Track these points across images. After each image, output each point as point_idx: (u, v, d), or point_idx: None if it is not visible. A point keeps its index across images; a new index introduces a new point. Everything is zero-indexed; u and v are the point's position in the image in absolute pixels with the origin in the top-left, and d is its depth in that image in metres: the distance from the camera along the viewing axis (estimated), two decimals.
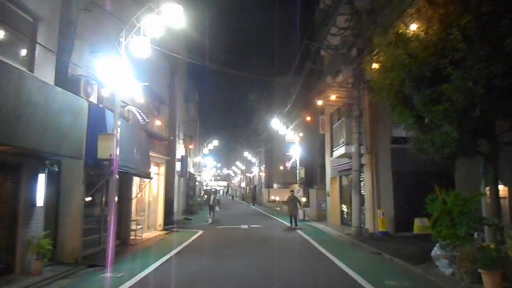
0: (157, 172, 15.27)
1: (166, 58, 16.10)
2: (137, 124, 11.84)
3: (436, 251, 7.03)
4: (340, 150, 14.78)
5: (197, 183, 35.59)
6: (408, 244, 10.46)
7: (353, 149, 13.03)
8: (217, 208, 21.44)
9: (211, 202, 20.31)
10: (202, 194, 40.69)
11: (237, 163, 61.86)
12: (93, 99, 8.95)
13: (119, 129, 8.16)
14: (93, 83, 8.58)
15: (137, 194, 11.24)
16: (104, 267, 7.59)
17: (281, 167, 33.04)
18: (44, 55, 7.32)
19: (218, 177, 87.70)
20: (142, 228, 12.51)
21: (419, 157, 13.85)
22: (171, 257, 8.74)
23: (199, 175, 41.31)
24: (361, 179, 13.32)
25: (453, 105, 5.58)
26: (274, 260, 8.29)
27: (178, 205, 21.10)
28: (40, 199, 7.11)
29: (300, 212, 18.09)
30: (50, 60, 7.54)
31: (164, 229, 15.04)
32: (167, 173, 17.44)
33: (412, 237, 12.12)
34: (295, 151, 21.18)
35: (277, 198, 37.29)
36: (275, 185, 39.89)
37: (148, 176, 10.98)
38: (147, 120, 10.46)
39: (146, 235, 13.27)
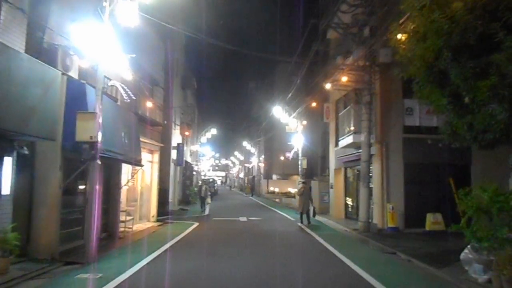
0: (151, 159, 14.24)
1: (161, 37, 14.93)
2: (127, 107, 10.76)
3: (467, 254, 6.06)
4: (347, 140, 13.75)
5: (194, 173, 34.61)
6: (422, 242, 9.53)
7: (362, 138, 12.00)
8: (208, 200, 19.83)
9: (202, 193, 18.95)
10: (199, 184, 39.78)
11: (236, 153, 60.90)
12: (74, 74, 7.84)
13: (102, 108, 7.10)
14: (72, 54, 7.46)
15: (127, 182, 10.24)
16: (83, 265, 6.64)
17: (282, 158, 32.04)
18: (12, 17, 6.19)
19: (217, 168, 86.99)
20: (133, 219, 11.53)
21: (433, 148, 13.03)
22: (161, 254, 7.76)
23: (197, 165, 40.36)
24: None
25: (504, 79, 4.55)
26: (277, 261, 7.31)
27: (173, 195, 20.13)
28: (6, 187, 6.09)
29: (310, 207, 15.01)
30: (21, 24, 6.41)
31: (158, 221, 14.09)
32: (161, 161, 16.40)
33: (425, 234, 11.22)
34: (298, 140, 20.12)
35: (277, 190, 36.43)
36: (274, 176, 39.00)
37: (138, 163, 9.95)
38: (134, 97, 9.36)
39: (138, 226, 12.31)
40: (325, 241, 9.65)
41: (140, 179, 13.45)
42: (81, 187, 8.50)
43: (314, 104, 17.13)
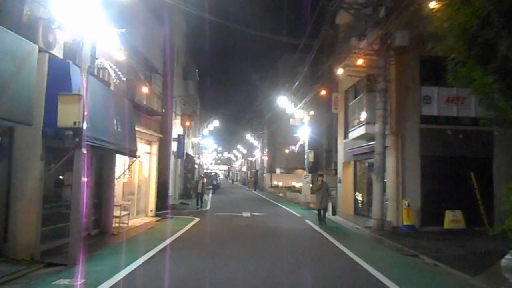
0: (149, 151, 13.41)
1: (160, 22, 14.02)
2: (122, 93, 9.91)
3: (510, 260, 5.17)
4: (358, 130, 12.82)
5: (196, 166, 33.84)
6: (444, 243, 8.66)
7: (376, 128, 11.08)
8: (205, 197, 18.03)
9: (199, 189, 16.86)
10: (196, 178, 39.05)
11: (239, 146, 60.07)
12: (58, 52, 6.96)
13: (89, 90, 6.24)
14: (55, 29, 6.57)
15: (120, 175, 9.43)
16: (67, 267, 5.84)
17: (287, 151, 31.16)
18: None
19: (219, 161, 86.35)
20: (128, 214, 10.74)
21: (453, 140, 12.07)
22: (156, 255, 6.95)
23: (199, 158, 39.58)
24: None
25: None
26: (286, 265, 6.45)
27: (174, 189, 19.37)
28: None
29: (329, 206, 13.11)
30: None
31: (156, 215, 13.31)
32: (160, 152, 15.57)
33: (444, 233, 10.36)
34: (304, 132, 19.18)
35: (280, 184, 35.62)
36: (278, 170, 38.18)
37: (133, 154, 9.11)
38: (124, 79, 8.49)
39: (134, 222, 11.53)
40: (337, 241, 8.79)
41: (138, 172, 12.64)
42: (68, 179, 7.67)
43: (322, 93, 16.11)
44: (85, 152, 6.18)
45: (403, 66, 11.80)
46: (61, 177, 7.47)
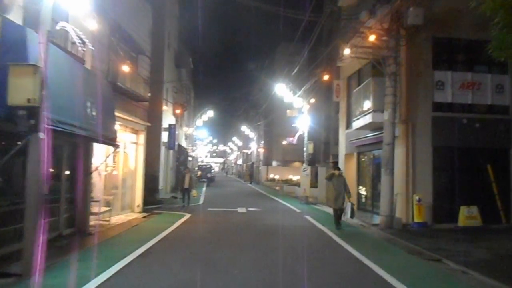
0: (135, 141, 12.26)
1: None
2: (101, 74, 8.72)
3: None
4: (364, 119, 11.76)
5: (190, 158, 32.67)
6: (464, 244, 7.67)
7: (385, 116, 10.03)
8: (193, 193, 15.89)
9: (185, 184, 14.40)
10: (196, 170, 37.95)
11: (234, 138, 58.93)
12: (16, 17, 5.75)
13: (51, 63, 5.09)
14: None
15: (98, 166, 8.29)
16: (20, 278, 4.75)
17: (284, 142, 30.11)
18: None
19: (214, 154, 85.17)
20: (110, 210, 9.63)
21: (468, 129, 11.01)
22: (134, 261, 5.87)
23: (193, 150, 38.39)
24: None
25: None
26: (286, 272, 5.42)
27: (165, 182, 18.28)
28: None
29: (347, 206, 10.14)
30: None
31: (144, 211, 12.22)
32: (149, 143, 14.43)
33: (459, 231, 9.40)
34: (303, 122, 18.06)
35: (277, 177, 34.66)
36: (274, 163, 37.22)
37: (112, 142, 7.94)
38: (93, 48, 7.28)
39: (118, 218, 10.44)
40: (343, 241, 7.77)
41: (122, 163, 11.50)
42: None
43: (324, 78, 14.95)
44: (43, 137, 5.03)
45: (414, 48, 10.73)
46: (20, 168, 6.31)
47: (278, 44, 35.44)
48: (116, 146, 8.08)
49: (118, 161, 11.38)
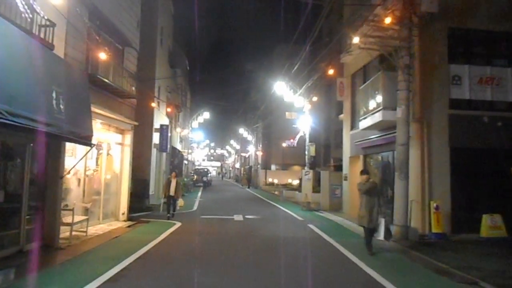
0: (120, 141, 11.14)
1: None
2: (77, 64, 7.66)
3: None
4: (372, 118, 10.70)
5: (186, 162, 31.50)
6: (495, 259, 6.62)
7: (399, 113, 8.95)
8: (179, 203, 12.94)
9: (171, 191, 12.05)
10: (192, 174, 36.73)
11: (232, 142, 57.84)
12: None
13: None
14: None
15: (71, 169, 7.17)
16: None
17: (284, 144, 29.00)
18: None
19: (212, 157, 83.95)
20: (87, 219, 8.48)
21: (489, 128, 9.87)
22: (100, 287, 4.71)
23: (190, 153, 37.23)
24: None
25: None
26: None
27: (156, 187, 17.10)
28: None
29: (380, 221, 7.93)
30: None
31: (130, 219, 11.06)
32: (139, 145, 13.35)
33: (483, 243, 8.33)
34: (305, 122, 16.95)
35: (276, 181, 33.51)
36: (273, 166, 36.09)
37: (85, 141, 6.82)
38: (43, 15, 6.12)
39: (98, 229, 9.31)
40: (357, 258, 6.65)
41: (105, 166, 10.37)
42: None
43: (324, 78, 13.92)
44: None
45: (428, 39, 9.74)
46: None
47: (276, 44, 34.55)
48: (91, 145, 6.95)
49: (101, 164, 10.26)
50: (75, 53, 7.80)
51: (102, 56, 8.66)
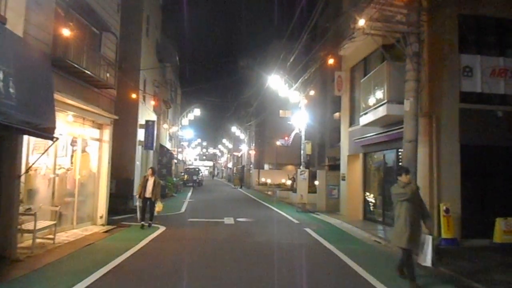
0: (97, 137, 10.07)
1: None
2: (33, 41, 6.60)
3: None
4: (375, 113, 9.83)
5: (176, 161, 30.35)
6: None
7: (407, 106, 8.07)
8: (157, 208, 9.98)
9: (147, 193, 9.72)
10: (182, 173, 35.56)
11: (224, 140, 56.79)
12: None
13: None
14: None
15: (29, 168, 6.13)
16: None
17: (278, 143, 28.08)
18: None
19: (204, 157, 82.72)
20: (55, 225, 7.42)
21: (504, 124, 8.86)
22: None
23: (180, 152, 36.06)
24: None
25: None
26: None
27: None
28: None
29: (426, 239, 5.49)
30: None
31: (109, 223, 9.99)
32: (121, 142, 12.32)
33: (499, 250, 7.55)
34: (300, 119, 16.03)
35: (269, 181, 32.58)
36: (266, 166, 35.15)
37: (46, 134, 5.77)
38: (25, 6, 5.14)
39: (70, 234, 8.28)
40: (363, 269, 5.77)
41: (80, 164, 9.30)
42: None
43: (320, 73, 13.01)
44: None
45: (437, 27, 8.91)
46: None
47: (270, 41, 33.62)
48: (52, 139, 5.90)
49: (75, 162, 9.19)
50: (39, 33, 6.74)
51: (74, 38, 7.60)
